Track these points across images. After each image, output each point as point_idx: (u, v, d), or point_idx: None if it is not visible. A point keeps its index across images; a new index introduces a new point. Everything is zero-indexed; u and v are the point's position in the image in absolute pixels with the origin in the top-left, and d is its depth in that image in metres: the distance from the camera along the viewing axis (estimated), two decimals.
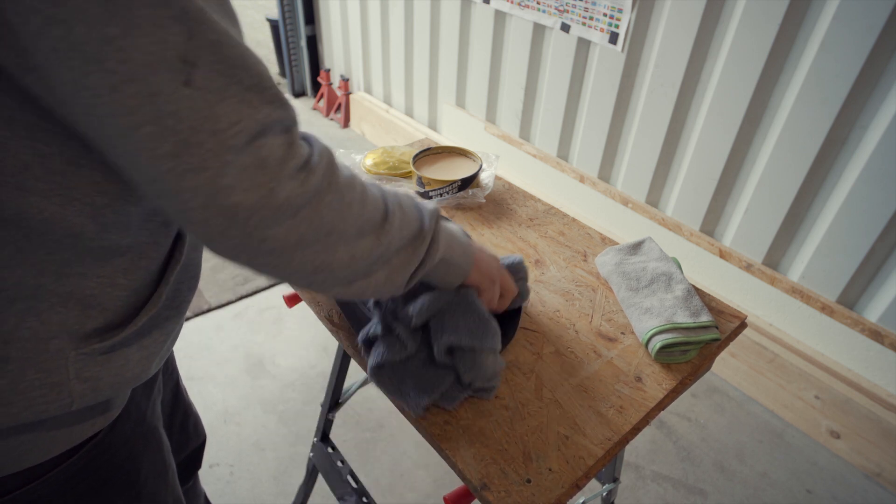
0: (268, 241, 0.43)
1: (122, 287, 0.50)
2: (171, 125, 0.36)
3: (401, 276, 0.54)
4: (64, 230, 0.44)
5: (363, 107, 3.26)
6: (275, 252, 0.44)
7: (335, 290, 0.51)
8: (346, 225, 0.47)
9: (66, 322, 0.48)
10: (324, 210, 0.45)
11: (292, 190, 0.42)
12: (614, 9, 1.83)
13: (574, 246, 0.96)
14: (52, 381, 0.48)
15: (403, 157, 1.12)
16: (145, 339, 0.55)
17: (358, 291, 0.52)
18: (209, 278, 2.19)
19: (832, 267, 1.59)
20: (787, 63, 1.52)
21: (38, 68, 0.35)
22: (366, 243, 0.49)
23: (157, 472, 0.67)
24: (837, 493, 1.55)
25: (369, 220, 0.49)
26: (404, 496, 1.50)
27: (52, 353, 0.48)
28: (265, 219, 0.41)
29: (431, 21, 2.60)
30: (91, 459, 0.57)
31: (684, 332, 0.74)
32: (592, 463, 0.61)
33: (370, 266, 0.51)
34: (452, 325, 0.63)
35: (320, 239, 0.45)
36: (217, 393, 1.76)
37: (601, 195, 2.16)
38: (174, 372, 0.87)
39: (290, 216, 0.42)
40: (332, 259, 0.47)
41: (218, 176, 0.38)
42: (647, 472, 1.59)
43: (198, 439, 0.95)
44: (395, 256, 0.53)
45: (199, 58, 0.36)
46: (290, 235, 0.43)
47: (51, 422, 0.51)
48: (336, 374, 1.10)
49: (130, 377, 0.55)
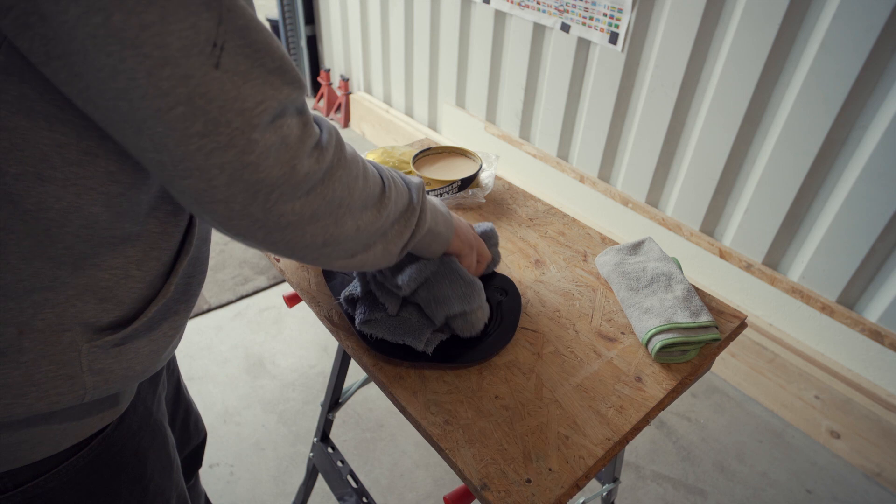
0: (285, 215, 0.45)
1: (135, 279, 0.51)
2: (201, 105, 0.38)
3: (395, 247, 0.58)
4: (80, 220, 0.45)
5: (363, 107, 3.26)
6: (290, 226, 0.46)
7: (339, 262, 0.54)
8: (352, 199, 0.50)
9: (82, 315, 0.49)
10: (336, 185, 0.48)
11: (310, 167, 0.45)
12: (614, 9, 1.83)
13: (574, 246, 0.96)
14: (66, 373, 0.49)
15: (403, 157, 1.12)
16: (154, 333, 0.55)
17: (359, 263, 0.56)
18: (209, 278, 2.19)
19: (832, 267, 1.59)
20: (787, 63, 1.52)
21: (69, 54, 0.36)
22: (369, 215, 0.53)
23: (162, 468, 0.68)
24: (837, 493, 1.55)
25: (371, 194, 0.53)
26: (404, 496, 1.50)
27: (65, 345, 0.48)
28: (284, 194, 0.44)
29: (431, 21, 2.60)
30: (100, 453, 0.58)
31: (684, 332, 0.74)
32: (592, 463, 0.61)
33: (371, 237, 0.55)
34: (444, 296, 0.68)
35: (332, 212, 0.49)
36: (217, 392, 1.76)
37: (601, 195, 2.16)
38: (175, 370, 0.87)
39: (306, 192, 0.46)
40: (341, 232, 0.51)
41: (244, 153, 0.41)
42: (647, 472, 1.59)
43: (198, 437, 0.96)
44: (390, 228, 0.57)
45: (227, 42, 0.38)
46: (306, 210, 0.46)
47: (62, 414, 0.52)
48: (336, 374, 1.10)
49: (140, 370, 0.55)
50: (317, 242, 0.49)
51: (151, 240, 0.51)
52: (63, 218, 0.44)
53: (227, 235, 0.47)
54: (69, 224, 0.45)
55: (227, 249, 2.35)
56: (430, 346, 0.71)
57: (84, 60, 0.36)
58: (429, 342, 0.71)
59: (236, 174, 0.41)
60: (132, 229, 0.49)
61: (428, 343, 0.71)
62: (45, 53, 0.37)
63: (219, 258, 2.30)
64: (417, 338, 0.70)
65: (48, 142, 0.41)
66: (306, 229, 0.48)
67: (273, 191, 0.43)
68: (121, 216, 0.48)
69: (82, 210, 0.45)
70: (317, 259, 0.52)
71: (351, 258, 0.54)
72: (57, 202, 0.43)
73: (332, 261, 0.53)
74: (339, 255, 0.53)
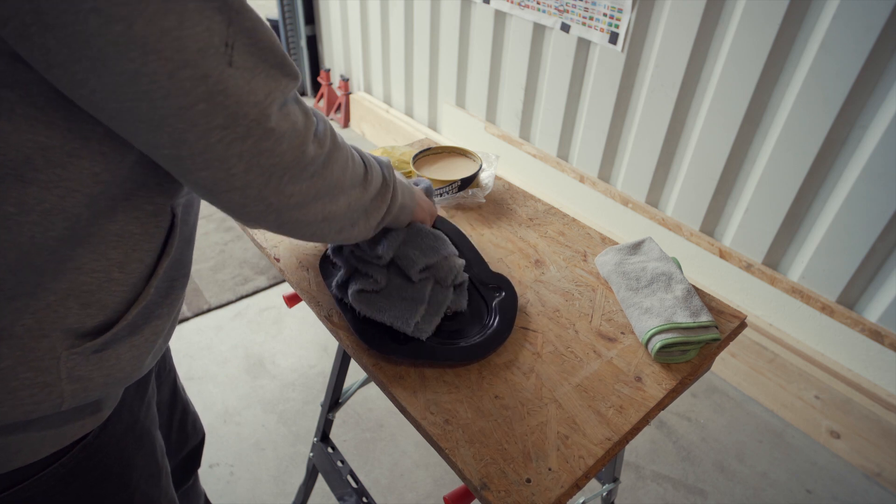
0: (294, 195, 0.50)
1: (118, 282, 0.51)
2: (221, 101, 0.41)
3: (374, 220, 0.65)
4: (64, 222, 0.45)
5: (363, 107, 3.26)
6: (298, 206, 0.51)
7: (330, 237, 0.59)
8: (345, 178, 0.56)
9: (65, 320, 0.48)
10: (334, 166, 0.53)
11: (315, 150, 0.50)
12: (614, 9, 1.83)
13: (574, 246, 0.96)
14: (43, 381, 0.48)
15: (403, 157, 1.12)
16: (136, 337, 0.55)
17: (345, 237, 0.62)
18: (209, 278, 2.19)
19: (832, 267, 1.59)
20: (787, 63, 1.52)
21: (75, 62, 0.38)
22: (356, 193, 0.59)
23: (149, 474, 0.67)
24: (837, 493, 1.55)
25: (357, 173, 0.59)
26: (404, 496, 1.50)
27: (44, 351, 0.48)
28: (295, 176, 0.49)
29: (431, 21, 2.60)
30: (82, 461, 0.57)
31: (684, 332, 0.74)
32: (592, 463, 0.61)
33: (357, 212, 0.61)
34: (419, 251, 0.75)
35: (329, 191, 0.54)
36: (217, 393, 1.76)
37: (601, 195, 2.16)
38: (171, 371, 0.86)
39: (311, 174, 0.51)
40: (336, 208, 0.56)
41: (260, 140, 0.45)
42: (647, 472, 1.59)
43: (196, 438, 0.96)
44: (370, 204, 0.63)
45: (237, 41, 0.41)
46: (311, 189, 0.51)
47: (40, 422, 0.51)
48: (336, 374, 1.10)
49: (121, 377, 0.55)
50: (317, 219, 0.55)
51: (133, 241, 0.51)
52: (46, 221, 0.44)
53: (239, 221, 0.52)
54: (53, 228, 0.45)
55: (227, 249, 2.35)
56: (422, 333, 0.72)
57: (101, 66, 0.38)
58: (419, 327, 0.72)
59: (253, 160, 0.45)
60: (111, 228, 0.49)
61: (418, 328, 0.72)
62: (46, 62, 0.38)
63: (219, 258, 2.30)
64: (405, 321, 0.72)
65: (31, 144, 0.41)
66: (310, 207, 0.53)
67: (285, 173, 0.48)
68: (100, 215, 0.48)
69: (66, 211, 0.45)
70: (314, 234, 0.57)
71: (339, 232, 0.60)
72: (39, 204, 0.43)
73: (327, 235, 0.59)
74: (332, 230, 0.58)
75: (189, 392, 1.74)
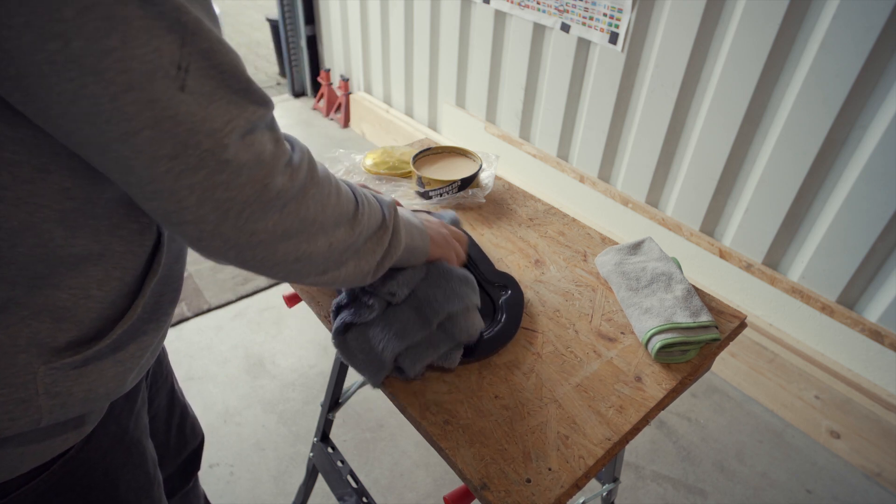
0: (257, 234, 0.45)
1: (96, 299, 0.49)
2: (169, 129, 0.38)
3: (368, 265, 0.58)
4: (33, 239, 0.44)
5: (363, 107, 3.26)
6: (262, 244, 0.46)
7: (310, 279, 0.53)
8: (325, 216, 0.50)
9: (37, 336, 0.47)
10: (309, 202, 0.48)
11: (283, 184, 0.44)
12: (614, 9, 1.83)
13: (574, 246, 0.96)
14: (19, 397, 0.47)
15: (403, 157, 1.12)
16: (121, 353, 0.53)
17: (330, 280, 0.55)
18: (209, 278, 2.19)
19: (832, 267, 1.59)
20: (787, 63, 1.52)
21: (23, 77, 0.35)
22: (341, 233, 0.53)
23: (138, 487, 0.65)
24: (837, 493, 1.55)
25: (344, 211, 0.53)
26: (404, 496, 1.50)
27: (20, 367, 0.46)
28: (255, 212, 0.44)
29: (431, 21, 2.60)
30: (65, 475, 0.56)
31: (684, 332, 0.74)
32: (592, 463, 0.61)
33: (343, 255, 0.54)
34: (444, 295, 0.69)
35: (305, 229, 0.48)
36: (217, 393, 1.76)
37: (601, 195, 2.16)
38: (169, 375, 0.86)
39: (278, 209, 0.45)
40: (313, 249, 0.50)
41: (215, 172, 0.40)
42: (647, 472, 1.59)
43: (195, 441, 0.95)
44: (363, 246, 0.56)
45: (191, 64, 0.38)
46: (278, 227, 0.46)
47: (18, 438, 0.50)
48: (336, 374, 1.10)
49: (104, 393, 0.53)
50: (288, 259, 0.49)
51: (114, 259, 0.50)
52: (14, 237, 0.43)
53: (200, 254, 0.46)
54: (21, 244, 0.43)
55: None
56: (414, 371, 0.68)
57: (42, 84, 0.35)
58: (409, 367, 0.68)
59: (206, 194, 0.41)
60: (92, 247, 0.48)
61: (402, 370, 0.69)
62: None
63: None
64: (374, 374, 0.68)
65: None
66: (278, 247, 0.47)
67: (244, 209, 0.43)
68: (76, 232, 0.46)
69: (35, 228, 0.43)
70: (287, 275, 0.51)
71: (322, 274, 0.53)
72: (6, 221, 0.42)
73: (304, 277, 0.52)
74: (311, 272, 0.52)
75: (189, 392, 1.75)
